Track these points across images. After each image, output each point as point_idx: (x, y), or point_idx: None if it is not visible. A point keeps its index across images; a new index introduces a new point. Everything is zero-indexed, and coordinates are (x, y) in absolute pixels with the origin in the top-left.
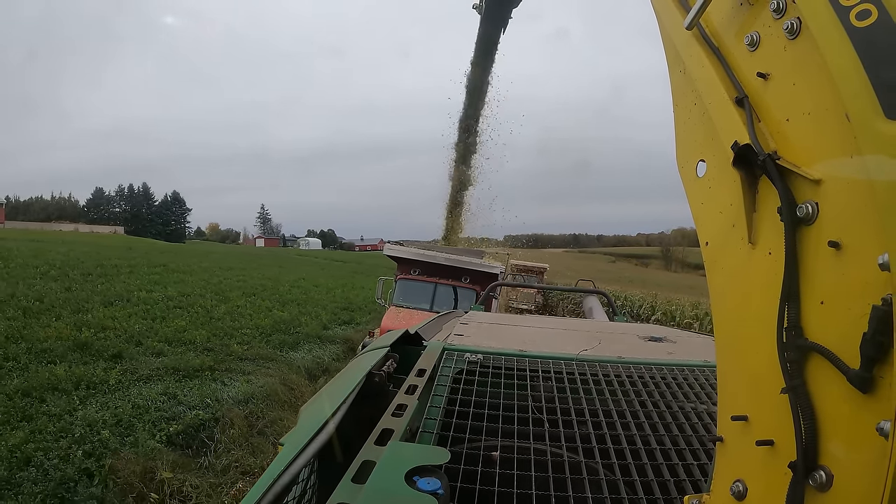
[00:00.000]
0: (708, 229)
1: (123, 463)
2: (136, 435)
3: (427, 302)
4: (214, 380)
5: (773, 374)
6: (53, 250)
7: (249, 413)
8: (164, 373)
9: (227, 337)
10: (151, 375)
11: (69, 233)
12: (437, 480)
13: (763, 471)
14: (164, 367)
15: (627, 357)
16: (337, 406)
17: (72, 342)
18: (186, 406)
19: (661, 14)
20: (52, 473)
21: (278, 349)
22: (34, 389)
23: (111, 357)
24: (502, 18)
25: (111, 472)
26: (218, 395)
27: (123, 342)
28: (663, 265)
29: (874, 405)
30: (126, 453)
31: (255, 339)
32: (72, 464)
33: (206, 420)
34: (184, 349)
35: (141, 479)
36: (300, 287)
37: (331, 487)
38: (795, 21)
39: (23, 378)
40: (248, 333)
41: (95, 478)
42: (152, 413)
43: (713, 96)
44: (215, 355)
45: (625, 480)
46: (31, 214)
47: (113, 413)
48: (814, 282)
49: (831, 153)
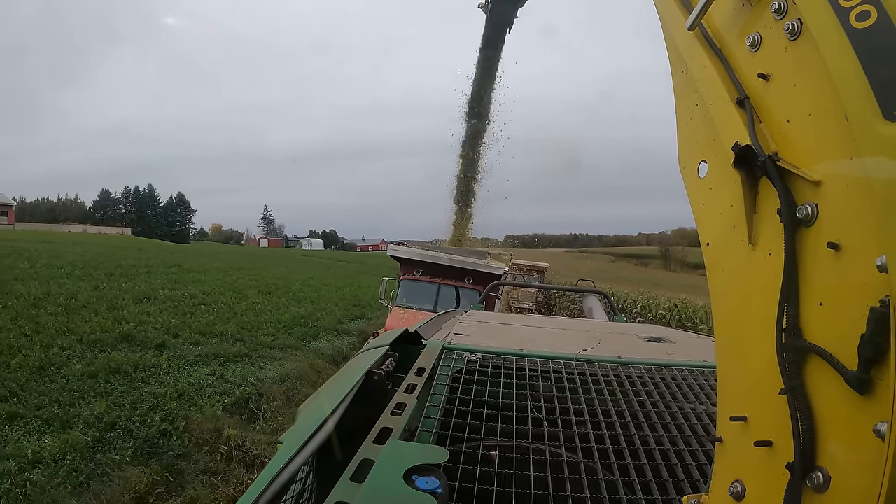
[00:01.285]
0: (709, 230)
1: (195, 424)
2: (199, 404)
3: (430, 302)
4: (251, 364)
5: (772, 374)
6: (70, 251)
7: (287, 389)
8: (207, 359)
9: (255, 329)
10: (196, 361)
11: (78, 234)
12: (436, 479)
13: (761, 471)
14: (205, 355)
15: (627, 357)
16: (336, 405)
17: (116, 334)
18: (233, 384)
19: (663, 15)
20: (137, 433)
21: (301, 340)
22: (98, 372)
23: (155, 346)
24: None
25: (185, 431)
26: (257, 375)
27: (162, 334)
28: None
29: (871, 407)
30: (196, 417)
31: (279, 332)
32: (151, 426)
33: (252, 395)
34: (217, 340)
35: (210, 436)
36: (311, 286)
37: (329, 486)
38: (796, 22)
39: (84, 363)
40: (272, 327)
41: (173, 436)
42: (206, 389)
43: (714, 97)
44: (247, 345)
45: (623, 480)
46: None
47: (174, 389)
48: (813, 283)
49: (831, 154)
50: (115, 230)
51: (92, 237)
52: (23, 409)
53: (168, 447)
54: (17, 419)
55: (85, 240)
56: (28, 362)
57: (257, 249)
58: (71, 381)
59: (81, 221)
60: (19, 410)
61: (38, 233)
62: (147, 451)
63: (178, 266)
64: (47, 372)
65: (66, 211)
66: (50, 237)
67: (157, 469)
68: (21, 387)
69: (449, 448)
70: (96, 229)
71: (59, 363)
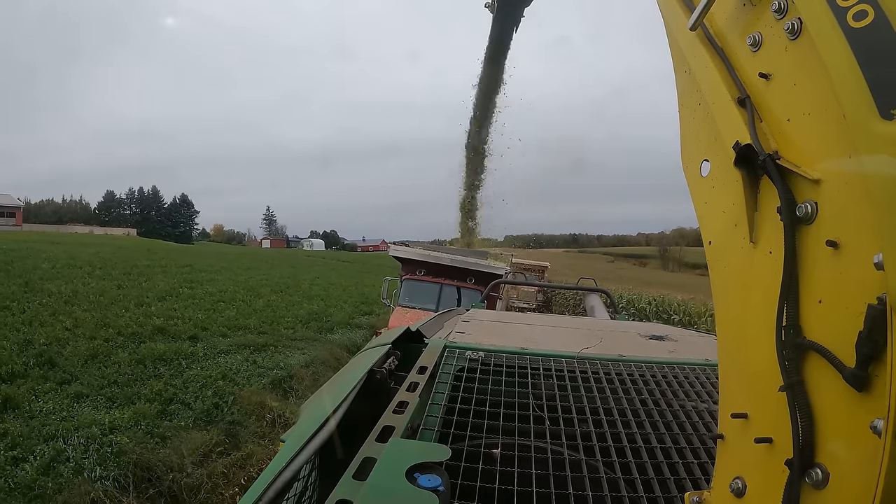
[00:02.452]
0: (711, 228)
1: (242, 398)
2: (241, 384)
3: (433, 302)
4: (277, 352)
5: (772, 372)
6: (83, 252)
7: (312, 372)
8: (238, 348)
9: (274, 324)
10: (228, 350)
11: (85, 235)
12: (438, 477)
13: (762, 468)
14: (235, 345)
15: (628, 355)
16: (338, 403)
17: (150, 328)
18: (265, 368)
19: (666, 15)
20: (194, 406)
21: (317, 332)
22: (145, 359)
23: (189, 338)
24: (514, 17)
25: (235, 403)
26: (285, 361)
27: (192, 328)
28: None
29: (869, 403)
30: (243, 392)
31: (297, 325)
32: (205, 401)
33: (284, 377)
34: (242, 332)
35: (256, 408)
36: (319, 285)
37: (332, 484)
38: (796, 21)
39: (129, 352)
40: (290, 321)
41: (224, 408)
42: (243, 372)
43: (716, 96)
44: (270, 336)
45: (625, 478)
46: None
47: (216, 372)
48: (812, 281)
49: (830, 153)
50: (121, 231)
51: (99, 238)
52: (87, 389)
53: (222, 416)
54: (84, 397)
55: (93, 241)
56: (78, 352)
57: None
58: (122, 366)
59: (87, 223)
60: (84, 390)
61: (45, 234)
62: (204, 420)
63: (189, 266)
64: (98, 360)
65: (70, 212)
66: (58, 238)
67: (216, 432)
68: (78, 372)
69: (451, 446)
70: (102, 230)
71: (107, 352)
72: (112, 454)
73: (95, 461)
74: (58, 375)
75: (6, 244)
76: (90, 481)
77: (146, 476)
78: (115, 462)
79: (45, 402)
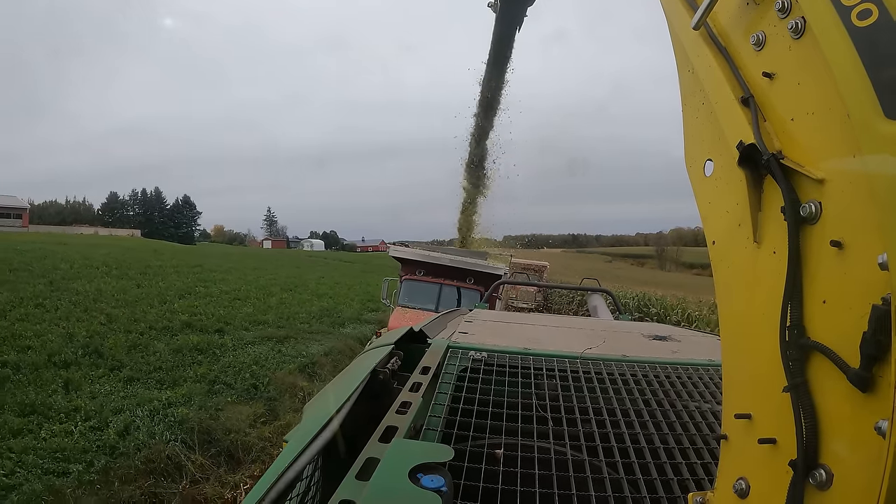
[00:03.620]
0: (715, 228)
1: (277, 379)
2: (272, 369)
3: (432, 303)
4: (298, 343)
5: (776, 372)
6: (95, 253)
7: (332, 360)
8: (262, 340)
9: (291, 319)
10: (254, 341)
11: (90, 236)
12: (441, 478)
13: (765, 469)
14: (259, 337)
15: (631, 355)
16: (341, 403)
17: (178, 322)
18: (290, 356)
19: (669, 14)
20: (235, 386)
21: (331, 327)
22: (182, 349)
23: (215, 331)
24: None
25: (270, 384)
26: (307, 350)
27: (216, 322)
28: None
29: (873, 404)
30: (277, 374)
31: (311, 321)
32: (244, 381)
33: (307, 363)
34: (262, 327)
35: (289, 388)
36: (325, 284)
37: (335, 484)
38: (800, 20)
39: (164, 343)
40: (304, 317)
41: (261, 387)
42: (271, 360)
43: (719, 96)
44: (288, 330)
45: (628, 479)
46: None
47: (249, 359)
48: (816, 281)
49: (834, 153)
50: (125, 232)
51: (105, 239)
52: (136, 374)
53: (260, 394)
54: (135, 380)
55: (99, 241)
56: (119, 343)
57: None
58: (162, 355)
59: (91, 224)
60: (134, 375)
61: (52, 235)
62: (246, 397)
63: (199, 266)
64: (139, 350)
65: (73, 213)
66: (65, 239)
67: (258, 405)
68: (124, 360)
69: (454, 446)
70: (107, 231)
71: (145, 343)
72: (176, 422)
73: (163, 427)
74: (107, 363)
75: (21, 245)
76: (162, 443)
77: (207, 438)
78: (179, 428)
79: (101, 384)
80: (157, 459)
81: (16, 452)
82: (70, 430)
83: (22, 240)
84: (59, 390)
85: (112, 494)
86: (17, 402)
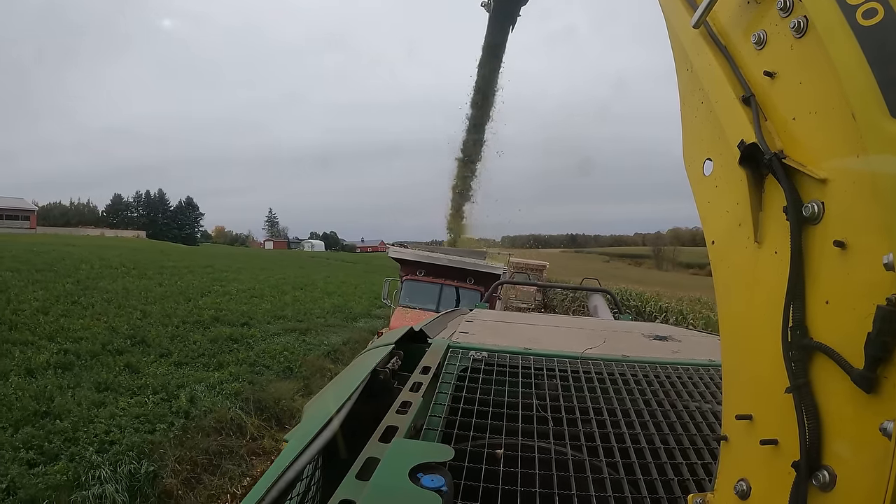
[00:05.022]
0: (714, 228)
1: (307, 363)
2: (301, 355)
3: (433, 303)
4: (319, 334)
5: (777, 373)
6: (108, 254)
7: (350, 348)
8: (285, 332)
9: (307, 314)
10: (278, 332)
11: (97, 237)
12: (441, 478)
13: (767, 470)
14: (282, 329)
15: (632, 356)
16: (341, 403)
17: (208, 317)
18: (314, 345)
19: (668, 12)
20: (272, 368)
21: (344, 321)
22: (218, 339)
23: (242, 325)
24: (511, 16)
25: (303, 366)
26: (328, 340)
27: (240, 317)
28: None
29: (878, 405)
30: (307, 358)
31: (326, 315)
32: (280, 364)
33: (329, 351)
34: (283, 321)
35: (318, 369)
36: (332, 283)
37: (335, 484)
38: (802, 20)
39: (200, 335)
40: (319, 312)
41: (295, 369)
42: (297, 348)
43: (720, 95)
44: (307, 323)
45: (629, 479)
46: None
47: (279, 347)
48: (819, 281)
49: (837, 152)
50: (131, 233)
51: (112, 240)
52: (183, 359)
53: (295, 374)
54: (184, 364)
55: (107, 243)
56: (161, 334)
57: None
58: (201, 344)
59: (96, 225)
60: (181, 360)
61: (60, 236)
62: (283, 376)
63: (210, 267)
64: (179, 340)
65: (78, 214)
66: (74, 241)
67: (296, 383)
68: (170, 348)
69: (454, 446)
70: (112, 233)
71: (183, 335)
72: (231, 394)
73: (222, 398)
74: (155, 350)
75: (36, 247)
76: (225, 409)
77: (259, 406)
78: (235, 398)
79: (156, 368)
80: (224, 421)
81: (104, 418)
82: (144, 402)
83: (32, 241)
84: (122, 372)
85: (194, 445)
86: (92, 381)
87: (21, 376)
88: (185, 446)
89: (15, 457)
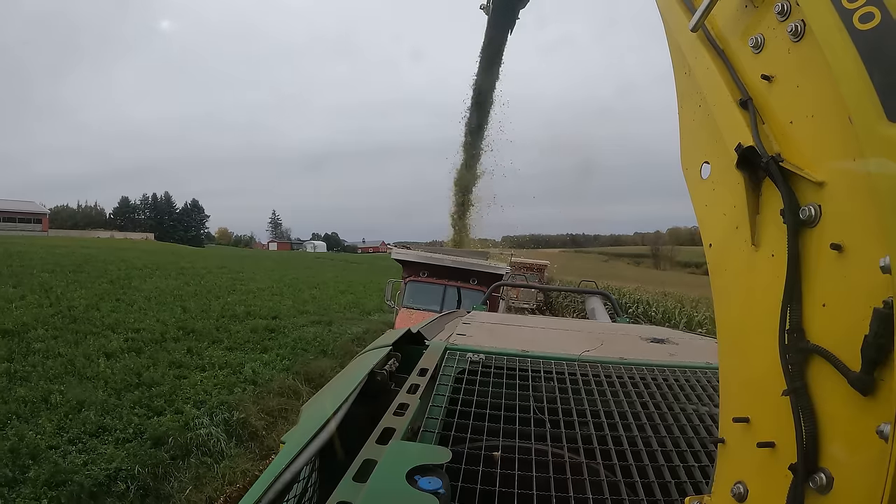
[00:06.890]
0: (712, 231)
1: (339, 346)
2: (330, 342)
3: (437, 303)
4: (341, 326)
5: (774, 375)
6: (127, 255)
7: (370, 337)
8: (312, 324)
9: (327, 309)
10: (306, 324)
11: (108, 240)
12: (439, 480)
13: (764, 473)
14: (309, 322)
15: (629, 358)
16: (339, 405)
17: (240, 312)
18: (339, 334)
19: (666, 16)
20: (310, 350)
21: (360, 315)
22: (256, 329)
23: (272, 318)
24: (510, 19)
25: (334, 349)
26: (350, 331)
27: (268, 311)
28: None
29: (874, 408)
30: (338, 343)
31: (344, 310)
32: (317, 348)
33: (353, 339)
34: (307, 315)
35: (347, 353)
36: (342, 282)
37: (332, 486)
38: (799, 23)
39: (240, 326)
40: (336, 308)
41: (328, 352)
42: (325, 336)
43: (717, 98)
44: (330, 317)
45: (626, 481)
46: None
47: (310, 335)
48: (816, 284)
49: (834, 156)
50: (139, 236)
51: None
52: (233, 345)
53: (328, 355)
54: (234, 349)
55: (119, 245)
56: (206, 326)
57: (270, 253)
58: (243, 334)
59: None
60: (231, 346)
61: (73, 239)
62: (321, 355)
63: (224, 268)
64: (223, 331)
65: (86, 217)
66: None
67: (333, 362)
68: (218, 336)
69: (452, 448)
70: (122, 235)
71: (224, 326)
72: (283, 369)
73: (278, 371)
74: (205, 339)
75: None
76: (281, 378)
77: (307, 377)
78: (287, 371)
79: (212, 351)
80: (284, 387)
81: (189, 386)
82: (215, 375)
83: (48, 244)
84: (186, 354)
85: (265, 404)
86: (165, 361)
87: (104, 358)
88: (259, 404)
89: (131, 412)
